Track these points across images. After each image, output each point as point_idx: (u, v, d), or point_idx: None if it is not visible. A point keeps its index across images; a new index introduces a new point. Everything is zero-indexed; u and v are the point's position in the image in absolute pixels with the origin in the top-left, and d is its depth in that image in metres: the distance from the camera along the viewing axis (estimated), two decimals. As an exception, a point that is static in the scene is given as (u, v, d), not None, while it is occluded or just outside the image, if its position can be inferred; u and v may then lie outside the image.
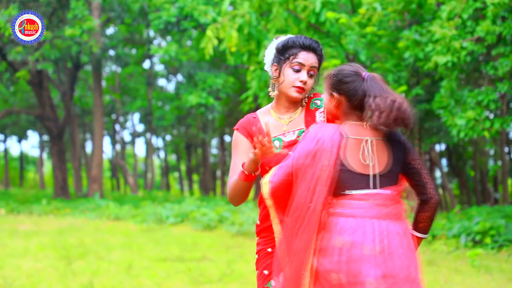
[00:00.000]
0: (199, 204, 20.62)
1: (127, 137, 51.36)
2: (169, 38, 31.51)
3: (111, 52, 28.59)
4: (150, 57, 34.47)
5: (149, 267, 10.56)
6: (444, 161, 31.12)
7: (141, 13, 28.11)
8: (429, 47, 11.66)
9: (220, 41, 16.91)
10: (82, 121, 38.86)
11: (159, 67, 38.21)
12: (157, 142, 47.48)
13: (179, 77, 35.85)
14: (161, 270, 10.22)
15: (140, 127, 46.95)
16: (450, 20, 11.67)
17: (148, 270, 10.22)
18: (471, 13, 11.34)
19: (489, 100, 11.40)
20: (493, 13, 10.74)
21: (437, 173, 30.84)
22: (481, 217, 12.71)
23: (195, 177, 50.61)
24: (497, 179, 27.76)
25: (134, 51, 36.06)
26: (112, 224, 17.91)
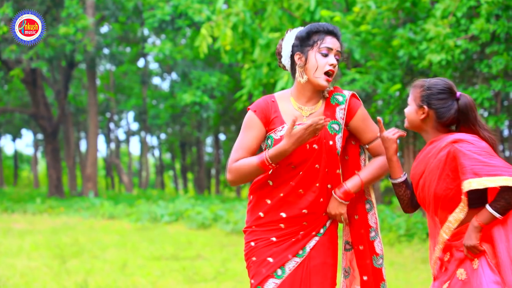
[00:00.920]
0: (194, 202, 20.61)
1: (122, 136, 51.34)
2: (163, 36, 31.47)
3: (105, 50, 28.54)
4: (144, 55, 34.46)
5: (143, 265, 10.55)
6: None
7: (135, 11, 28.05)
8: (423, 45, 11.66)
9: (214, 39, 16.89)
10: (76, 119, 38.78)
11: (154, 66, 38.22)
12: (152, 140, 47.46)
13: (174, 75, 35.86)
14: (155, 268, 10.21)
15: (134, 126, 46.92)
16: (444, 18, 11.68)
17: (142, 268, 10.21)
18: (465, 11, 11.34)
19: (483, 98, 11.41)
20: (487, 11, 10.75)
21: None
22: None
23: (190, 176, 50.58)
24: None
25: (128, 50, 35.98)
26: (106, 222, 17.88)
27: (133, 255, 11.71)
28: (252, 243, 3.67)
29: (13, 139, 48.75)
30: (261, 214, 3.66)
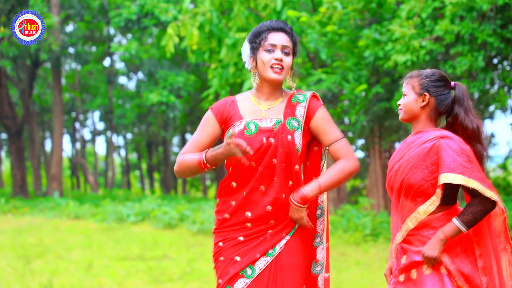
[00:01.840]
0: (160, 202, 20.52)
1: (87, 135, 50.99)
2: (129, 35, 31.34)
3: (71, 49, 28.31)
4: (110, 54, 34.23)
5: (109, 266, 10.50)
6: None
7: (101, 10, 27.89)
8: (389, 46, 11.75)
9: (181, 39, 16.86)
10: (41, 119, 38.43)
11: (120, 65, 37.96)
12: (118, 140, 47.21)
13: (140, 75, 35.67)
14: (121, 269, 10.17)
15: (100, 125, 46.54)
16: (409, 19, 11.78)
17: (108, 269, 10.16)
18: (430, 12, 11.45)
19: (448, 98, 11.52)
20: (451, 12, 10.85)
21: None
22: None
23: (156, 176, 50.36)
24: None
25: (94, 49, 35.74)
26: (71, 223, 17.74)
27: (98, 256, 11.65)
28: (220, 243, 3.70)
29: (-23, 139, 48.18)
30: (226, 215, 3.68)
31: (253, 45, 3.70)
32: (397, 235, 3.75)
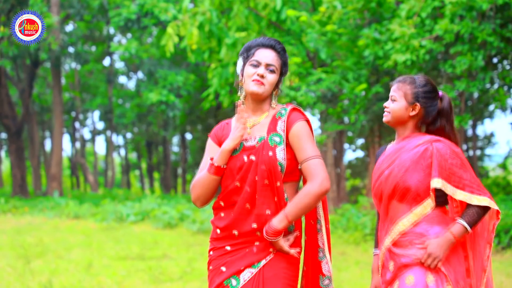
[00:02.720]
0: (160, 202, 20.52)
1: (87, 135, 50.97)
2: (129, 35, 31.34)
3: (71, 49, 28.30)
4: (110, 54, 34.23)
5: (109, 265, 10.49)
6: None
7: (100, 10, 27.87)
8: (389, 45, 11.75)
9: (181, 38, 16.86)
10: (41, 118, 38.42)
11: (120, 65, 37.96)
12: (118, 140, 47.21)
13: (140, 74, 35.68)
14: (121, 268, 10.16)
15: (100, 125, 46.51)
16: (409, 18, 11.78)
17: (108, 268, 10.15)
18: (430, 11, 11.46)
19: (448, 98, 11.53)
20: (451, 12, 10.86)
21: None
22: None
23: (156, 175, 50.38)
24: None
25: (94, 48, 35.75)
26: (71, 222, 17.74)
27: (98, 255, 11.64)
28: (211, 252, 3.77)
29: (-23, 139, 48.17)
30: (218, 231, 3.73)
31: (243, 60, 3.73)
32: (385, 239, 3.76)
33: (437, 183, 3.56)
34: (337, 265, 10.27)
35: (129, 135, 44.41)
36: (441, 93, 3.81)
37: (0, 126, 32.34)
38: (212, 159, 3.68)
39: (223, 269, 3.64)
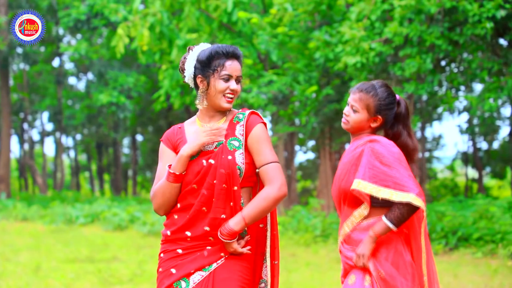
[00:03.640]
0: (110, 204, 20.38)
1: (36, 136, 50.27)
2: (79, 36, 31.01)
3: (19, 49, 27.93)
4: (59, 55, 33.84)
5: (57, 268, 10.38)
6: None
7: (50, 10, 27.55)
8: (339, 48, 11.83)
9: (131, 39, 16.76)
10: (-12, 120, 37.83)
11: (69, 65, 37.55)
12: (67, 141, 46.66)
13: (90, 75, 35.35)
14: (69, 271, 10.06)
15: (49, 126, 45.93)
16: (359, 21, 11.88)
17: (56, 271, 10.04)
18: (379, 14, 11.57)
19: (397, 100, 11.64)
20: (400, 15, 10.98)
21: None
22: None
23: (106, 177, 49.95)
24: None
25: (43, 49, 35.28)
26: (19, 225, 17.50)
27: (47, 258, 11.50)
28: (161, 255, 3.74)
29: None
30: (168, 232, 3.70)
31: (207, 67, 3.68)
32: (339, 240, 3.83)
33: (356, 182, 3.60)
34: (288, 267, 10.31)
35: (78, 137, 43.96)
36: (398, 97, 3.84)
37: None
38: (170, 166, 3.64)
39: (173, 271, 3.63)
